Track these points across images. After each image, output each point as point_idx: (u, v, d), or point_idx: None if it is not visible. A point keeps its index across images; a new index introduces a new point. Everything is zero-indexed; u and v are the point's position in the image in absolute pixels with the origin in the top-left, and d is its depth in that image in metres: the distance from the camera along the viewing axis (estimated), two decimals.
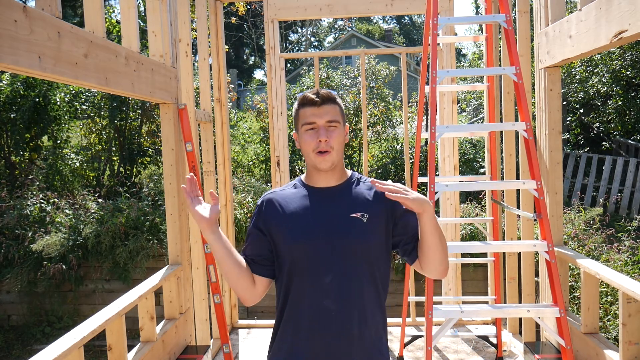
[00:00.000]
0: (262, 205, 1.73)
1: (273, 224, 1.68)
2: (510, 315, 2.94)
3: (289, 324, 1.67)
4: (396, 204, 1.69)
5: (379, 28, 38.03)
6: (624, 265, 6.23)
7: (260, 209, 1.73)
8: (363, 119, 4.64)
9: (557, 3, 3.56)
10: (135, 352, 3.22)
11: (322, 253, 1.62)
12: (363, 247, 1.64)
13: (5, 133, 8.91)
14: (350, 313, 1.63)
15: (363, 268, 1.66)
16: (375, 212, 1.69)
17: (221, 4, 4.62)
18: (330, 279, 1.62)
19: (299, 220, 1.66)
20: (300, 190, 1.74)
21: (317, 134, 1.64)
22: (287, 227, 1.66)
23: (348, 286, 1.64)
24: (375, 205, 1.70)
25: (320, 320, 1.62)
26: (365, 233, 1.66)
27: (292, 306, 1.66)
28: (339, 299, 1.62)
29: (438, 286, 6.49)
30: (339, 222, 1.65)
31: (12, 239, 7.42)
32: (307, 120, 1.66)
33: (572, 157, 10.04)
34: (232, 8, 12.38)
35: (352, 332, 1.63)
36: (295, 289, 1.65)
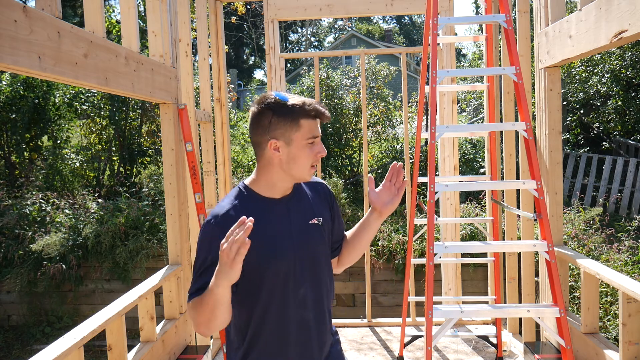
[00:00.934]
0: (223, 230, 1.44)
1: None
2: (510, 315, 2.94)
3: (260, 341, 1.60)
4: (334, 204, 1.78)
5: (379, 28, 38.02)
6: (624, 265, 6.23)
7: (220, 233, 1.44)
8: (363, 119, 4.64)
9: (557, 3, 3.56)
10: (135, 352, 3.22)
11: (293, 267, 1.60)
12: (324, 252, 1.67)
13: (5, 133, 8.91)
14: (324, 320, 1.67)
15: (325, 272, 1.69)
16: (323, 213, 1.71)
17: (221, 3, 4.62)
18: (303, 290, 1.62)
19: (268, 238, 1.57)
20: (257, 204, 1.59)
21: (317, 148, 1.58)
22: (256, 247, 1.49)
23: (319, 293, 1.66)
24: (321, 206, 1.72)
25: (302, 332, 1.62)
26: (323, 237, 1.68)
27: (263, 323, 1.59)
28: (314, 309, 1.64)
29: (438, 286, 6.49)
30: (303, 231, 1.63)
31: (12, 239, 7.42)
32: (314, 133, 1.56)
33: (572, 157, 10.04)
34: (232, 8, 12.38)
35: (326, 338, 1.69)
36: (266, 305, 1.58)
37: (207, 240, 1.52)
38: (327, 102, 9.44)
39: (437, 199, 3.01)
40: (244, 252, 1.34)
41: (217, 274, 1.38)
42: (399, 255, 7.11)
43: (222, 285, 1.39)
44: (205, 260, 1.52)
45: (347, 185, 8.93)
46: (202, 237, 1.55)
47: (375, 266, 7.16)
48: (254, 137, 1.58)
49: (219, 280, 1.38)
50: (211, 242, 1.50)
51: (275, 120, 1.53)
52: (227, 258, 1.34)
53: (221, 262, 1.36)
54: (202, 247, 1.54)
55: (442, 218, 4.43)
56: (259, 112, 1.55)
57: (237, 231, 1.34)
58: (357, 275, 7.33)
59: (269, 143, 1.55)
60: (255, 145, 1.59)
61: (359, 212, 7.80)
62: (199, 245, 1.56)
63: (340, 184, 7.92)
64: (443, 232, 4.67)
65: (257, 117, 1.56)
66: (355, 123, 9.47)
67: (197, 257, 1.56)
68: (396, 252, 7.15)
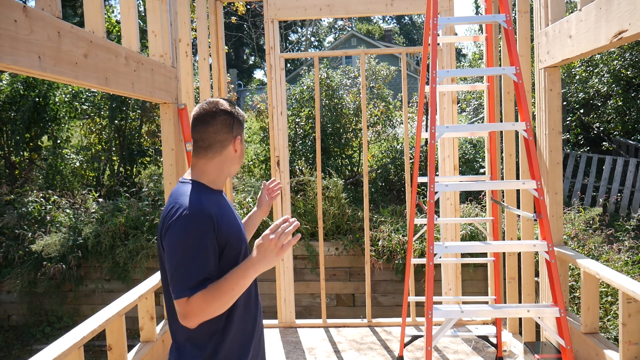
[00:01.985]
0: (212, 218, 1.64)
1: (221, 237, 1.67)
2: (510, 315, 2.93)
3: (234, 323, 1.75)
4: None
5: (379, 28, 38.02)
6: (624, 265, 6.23)
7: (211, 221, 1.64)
8: (363, 119, 4.64)
9: (557, 3, 3.56)
10: (135, 352, 3.22)
11: (246, 249, 1.82)
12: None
13: (5, 133, 8.91)
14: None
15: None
16: None
17: (221, 3, 4.62)
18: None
19: (234, 226, 1.77)
20: (214, 195, 1.77)
21: None
22: (231, 235, 1.72)
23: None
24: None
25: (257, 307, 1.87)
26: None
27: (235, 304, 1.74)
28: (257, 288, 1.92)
29: (438, 286, 6.49)
30: (239, 218, 1.88)
31: (12, 239, 7.42)
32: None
33: (572, 157, 10.04)
34: (232, 8, 12.37)
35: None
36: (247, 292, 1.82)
37: (196, 231, 1.61)
38: (327, 102, 9.44)
39: (437, 199, 3.01)
40: (293, 242, 1.60)
41: (256, 262, 1.59)
42: (399, 255, 7.11)
43: (261, 271, 1.61)
44: (198, 249, 1.60)
45: (347, 185, 8.93)
46: (189, 228, 1.60)
47: (375, 266, 7.16)
48: (219, 135, 1.76)
49: (259, 268, 1.59)
50: (200, 232, 1.61)
51: (237, 122, 1.81)
52: (275, 247, 1.58)
53: (266, 251, 1.58)
54: (191, 237, 1.60)
55: (442, 218, 4.43)
56: (224, 115, 1.78)
57: (285, 225, 1.60)
58: (357, 275, 7.33)
59: (236, 140, 1.80)
60: (217, 144, 1.77)
61: (358, 212, 7.80)
62: (185, 236, 1.60)
63: (340, 184, 7.92)
64: (443, 232, 4.67)
65: (223, 119, 1.77)
66: (355, 123, 9.46)
67: (183, 248, 1.59)
68: (396, 252, 7.15)
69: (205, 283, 1.58)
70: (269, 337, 4.47)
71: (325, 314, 4.73)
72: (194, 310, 1.55)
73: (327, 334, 4.55)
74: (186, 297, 1.56)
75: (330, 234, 7.53)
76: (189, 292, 1.56)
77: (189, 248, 1.59)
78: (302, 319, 5.76)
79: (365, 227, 4.77)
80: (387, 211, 7.98)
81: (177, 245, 1.59)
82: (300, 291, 7.33)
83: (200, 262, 1.59)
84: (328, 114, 9.34)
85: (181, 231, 1.60)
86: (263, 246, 1.58)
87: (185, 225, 1.60)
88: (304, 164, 8.71)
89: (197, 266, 1.58)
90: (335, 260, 7.36)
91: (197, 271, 1.58)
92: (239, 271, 1.59)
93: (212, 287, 1.57)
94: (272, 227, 1.59)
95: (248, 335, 1.79)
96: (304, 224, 7.55)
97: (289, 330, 4.64)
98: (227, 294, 1.57)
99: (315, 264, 7.31)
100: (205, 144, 1.76)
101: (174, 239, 1.60)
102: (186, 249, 1.59)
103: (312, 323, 4.79)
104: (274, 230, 1.59)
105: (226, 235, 1.68)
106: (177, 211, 1.62)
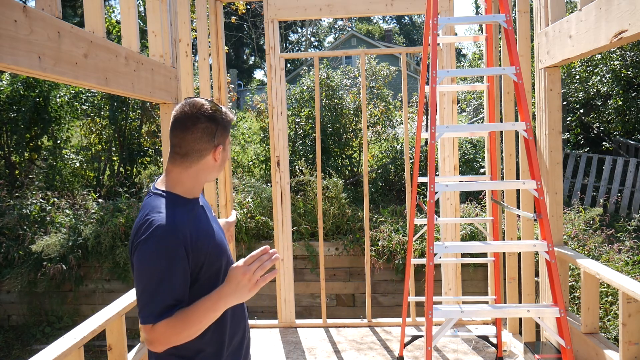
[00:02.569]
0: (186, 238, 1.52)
1: (197, 254, 1.56)
2: (510, 315, 2.93)
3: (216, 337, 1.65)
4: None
5: (379, 28, 38.02)
6: (624, 266, 6.23)
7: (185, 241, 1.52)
8: (363, 119, 4.64)
9: (557, 3, 3.56)
10: (135, 352, 3.22)
11: (227, 261, 1.70)
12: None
13: (6, 133, 8.91)
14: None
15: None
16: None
17: (221, 3, 4.62)
18: None
19: (213, 240, 1.64)
20: (189, 206, 1.64)
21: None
22: (210, 250, 1.60)
23: None
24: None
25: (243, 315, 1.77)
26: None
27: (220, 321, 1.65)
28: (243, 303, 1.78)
29: (438, 286, 6.49)
30: (219, 228, 1.75)
31: (12, 239, 7.42)
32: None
33: (572, 157, 10.04)
34: (232, 8, 12.38)
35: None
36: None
37: (164, 252, 1.48)
38: (327, 102, 9.44)
39: (437, 199, 3.01)
40: (269, 278, 1.44)
41: (227, 295, 1.46)
42: (399, 255, 7.11)
43: (230, 305, 1.47)
44: (164, 274, 1.48)
45: (347, 186, 8.93)
46: (157, 250, 1.48)
47: (375, 266, 7.16)
48: (198, 144, 1.60)
49: (230, 301, 1.46)
50: (169, 253, 1.49)
51: (220, 129, 1.63)
52: (248, 282, 1.44)
53: (238, 285, 1.45)
54: (159, 260, 1.48)
55: (442, 218, 4.43)
56: (206, 122, 1.60)
57: (265, 257, 1.45)
58: (357, 275, 7.33)
59: (217, 149, 1.64)
60: (194, 153, 1.61)
61: (358, 212, 7.80)
62: (153, 258, 1.48)
63: (340, 184, 7.92)
64: (443, 232, 4.67)
65: (204, 127, 1.60)
66: (355, 123, 9.46)
67: (151, 271, 1.48)
68: (396, 252, 7.15)
69: (173, 310, 1.47)
70: (269, 337, 4.47)
71: (325, 314, 4.73)
72: (158, 337, 1.47)
73: (327, 334, 4.55)
74: (151, 324, 1.47)
75: (330, 234, 7.53)
76: (154, 319, 1.46)
77: (156, 272, 1.47)
78: (302, 319, 5.75)
79: (365, 227, 4.77)
80: (387, 211, 7.98)
81: (145, 267, 1.49)
82: (300, 291, 7.34)
83: (167, 288, 1.47)
84: (328, 114, 9.34)
85: (150, 253, 1.48)
86: (236, 279, 1.44)
87: (154, 247, 1.48)
88: (304, 164, 8.71)
89: (164, 292, 1.47)
90: (335, 260, 7.37)
91: (163, 297, 1.47)
92: (209, 303, 1.46)
93: (180, 316, 1.47)
94: (247, 259, 1.44)
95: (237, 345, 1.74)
96: (304, 224, 7.55)
97: (289, 330, 4.64)
98: (194, 326, 1.46)
99: (315, 264, 7.31)
100: (182, 151, 1.60)
101: (143, 261, 1.49)
102: (154, 273, 1.47)
103: (312, 323, 4.79)
104: (249, 262, 1.44)
105: (205, 252, 1.58)
106: (149, 229, 1.50)
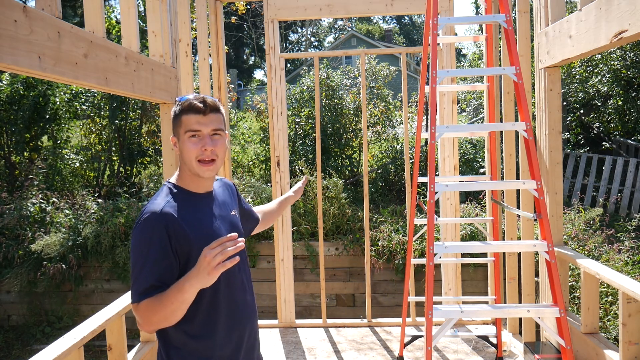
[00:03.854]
0: (166, 225, 1.57)
1: (182, 241, 1.59)
2: (510, 315, 2.94)
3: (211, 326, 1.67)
4: (240, 200, 2.03)
5: (379, 28, 38.02)
6: (624, 266, 6.23)
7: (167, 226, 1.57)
8: (363, 119, 4.64)
9: (557, 3, 3.56)
10: (135, 352, 3.22)
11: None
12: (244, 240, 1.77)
13: (5, 133, 8.91)
14: (254, 300, 1.86)
15: (246, 260, 1.86)
16: (235, 206, 1.91)
17: (221, 3, 4.62)
18: (242, 277, 1.78)
19: (205, 229, 1.66)
20: (186, 198, 1.67)
21: (201, 142, 1.64)
22: (197, 240, 1.60)
23: (249, 278, 1.85)
24: (233, 202, 1.92)
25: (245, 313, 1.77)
26: (240, 227, 1.87)
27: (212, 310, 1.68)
28: (251, 291, 1.84)
29: (438, 286, 6.48)
30: (226, 222, 1.77)
31: (12, 239, 7.42)
32: (192, 127, 1.64)
33: (572, 157, 10.04)
34: (232, 8, 12.38)
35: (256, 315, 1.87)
36: (214, 295, 1.68)
37: (148, 237, 1.55)
38: (327, 102, 9.43)
39: (437, 199, 3.01)
40: (228, 265, 1.43)
41: (192, 277, 1.46)
42: (399, 255, 7.11)
43: (195, 287, 1.47)
44: (148, 256, 1.54)
45: (347, 185, 8.93)
46: (142, 234, 1.56)
47: (375, 266, 7.16)
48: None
49: (193, 283, 1.46)
50: (152, 238, 1.55)
51: (173, 118, 1.68)
52: (207, 265, 1.43)
53: (200, 267, 1.44)
54: (143, 243, 1.56)
55: (442, 218, 4.43)
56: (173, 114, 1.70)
57: (228, 244, 1.44)
58: (357, 275, 7.33)
59: (171, 140, 1.70)
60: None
61: (358, 212, 7.80)
62: (139, 242, 1.57)
63: (340, 184, 7.91)
64: (443, 232, 4.67)
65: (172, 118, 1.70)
66: (355, 123, 9.46)
67: (138, 254, 1.56)
68: (396, 252, 7.15)
69: (156, 291, 1.52)
70: (269, 337, 4.47)
71: (325, 314, 4.73)
72: (141, 316, 1.53)
73: (327, 334, 4.55)
74: (135, 302, 1.54)
75: (330, 234, 7.53)
76: (137, 297, 1.53)
77: (142, 254, 1.55)
78: (302, 319, 5.75)
79: (365, 227, 4.77)
80: (387, 211, 7.98)
81: (133, 250, 1.58)
82: (300, 291, 7.34)
83: (149, 269, 1.53)
84: (328, 114, 9.34)
85: (137, 236, 1.58)
86: (199, 262, 1.45)
87: (141, 231, 1.57)
88: (304, 164, 8.71)
89: (147, 272, 1.53)
90: (335, 260, 7.36)
91: (146, 277, 1.53)
92: (178, 284, 1.49)
93: (158, 297, 1.51)
94: (212, 244, 1.44)
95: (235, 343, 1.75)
96: (304, 224, 7.55)
97: (289, 330, 4.64)
98: (167, 307, 1.49)
99: (315, 264, 7.31)
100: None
101: (132, 244, 1.59)
102: (139, 255, 1.56)
103: (312, 323, 4.79)
104: (213, 247, 1.44)
105: (191, 239, 1.59)
106: (140, 216, 1.60)
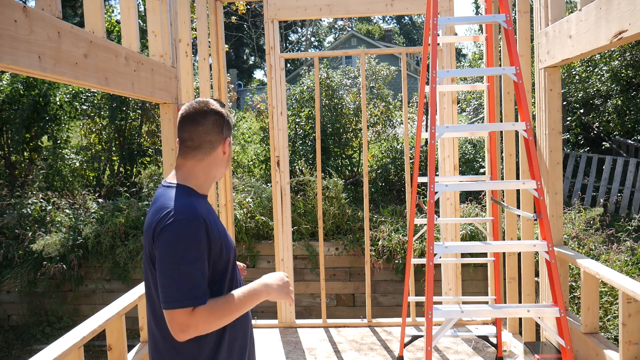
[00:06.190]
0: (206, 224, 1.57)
1: (211, 244, 1.60)
2: (510, 315, 2.93)
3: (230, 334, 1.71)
4: None
5: (379, 28, 38.02)
6: (624, 265, 6.23)
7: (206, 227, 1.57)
8: (363, 119, 4.64)
9: (557, 3, 3.56)
10: (135, 352, 3.22)
11: (235, 256, 1.79)
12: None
13: (5, 133, 8.91)
14: None
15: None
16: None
17: (221, 3, 4.62)
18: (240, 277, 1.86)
19: (223, 233, 1.70)
20: (202, 200, 1.71)
21: None
22: (221, 243, 1.65)
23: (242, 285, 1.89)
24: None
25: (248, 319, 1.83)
26: None
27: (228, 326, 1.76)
28: None
29: (438, 286, 6.49)
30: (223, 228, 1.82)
31: (12, 239, 7.42)
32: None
33: (572, 157, 10.04)
34: (232, 8, 12.38)
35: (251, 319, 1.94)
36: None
37: (194, 238, 1.53)
38: (327, 102, 9.43)
39: (437, 199, 3.01)
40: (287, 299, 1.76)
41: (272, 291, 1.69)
42: (399, 255, 7.11)
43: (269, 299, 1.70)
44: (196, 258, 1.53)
45: (347, 185, 8.93)
46: (188, 236, 1.52)
47: (375, 266, 7.15)
48: (209, 136, 1.70)
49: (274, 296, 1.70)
50: (198, 239, 1.54)
51: (227, 123, 1.74)
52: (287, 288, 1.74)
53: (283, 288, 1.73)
54: (191, 245, 1.52)
55: (442, 218, 4.43)
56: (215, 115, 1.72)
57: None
58: (357, 275, 7.33)
59: (225, 142, 1.73)
60: (206, 144, 1.70)
61: (358, 212, 7.80)
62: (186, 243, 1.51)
63: (340, 184, 7.91)
64: (443, 232, 4.67)
65: (214, 120, 1.71)
66: (355, 123, 9.46)
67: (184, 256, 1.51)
68: (396, 252, 7.15)
69: (207, 295, 1.53)
70: (269, 337, 4.47)
71: (325, 314, 4.73)
72: (198, 322, 1.49)
73: (327, 334, 4.55)
74: (191, 307, 1.48)
75: (330, 234, 7.53)
76: (193, 302, 1.49)
77: (189, 255, 1.50)
78: (302, 319, 5.75)
79: (365, 227, 4.77)
80: (387, 211, 7.98)
81: (174, 252, 1.50)
82: (300, 291, 7.34)
83: (200, 271, 1.52)
84: (328, 114, 9.34)
85: (179, 237, 1.51)
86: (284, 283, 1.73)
87: (182, 231, 1.51)
88: (304, 164, 8.71)
89: (199, 275, 1.51)
90: (335, 260, 7.36)
91: (199, 280, 1.51)
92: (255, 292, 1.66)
93: (223, 301, 1.56)
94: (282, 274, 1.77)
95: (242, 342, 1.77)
96: (304, 223, 7.55)
97: (289, 330, 4.64)
98: (237, 312, 1.59)
99: (315, 264, 7.31)
100: (194, 144, 1.68)
101: (171, 246, 1.51)
102: (185, 257, 1.50)
103: (312, 323, 4.79)
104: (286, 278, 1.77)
105: (218, 242, 1.62)
106: (171, 216, 1.53)
